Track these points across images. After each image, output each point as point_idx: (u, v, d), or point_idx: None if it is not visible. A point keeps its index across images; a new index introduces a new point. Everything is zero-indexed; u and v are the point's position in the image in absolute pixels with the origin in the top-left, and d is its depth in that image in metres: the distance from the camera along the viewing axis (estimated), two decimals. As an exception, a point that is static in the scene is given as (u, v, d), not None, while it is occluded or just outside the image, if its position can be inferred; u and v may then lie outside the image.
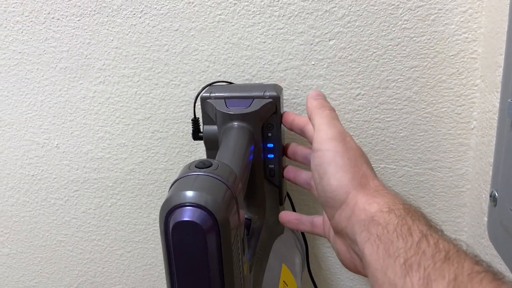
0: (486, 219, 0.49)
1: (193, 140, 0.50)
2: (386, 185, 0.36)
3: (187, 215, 0.30)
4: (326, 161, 0.36)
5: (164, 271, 0.33)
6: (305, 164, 0.46)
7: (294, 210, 0.55)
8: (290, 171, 0.48)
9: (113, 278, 0.68)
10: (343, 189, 0.34)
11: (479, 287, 0.23)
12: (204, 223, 0.30)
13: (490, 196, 0.46)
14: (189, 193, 0.31)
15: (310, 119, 0.41)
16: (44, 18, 0.54)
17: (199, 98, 0.48)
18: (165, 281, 0.34)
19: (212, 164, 0.34)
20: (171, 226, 0.30)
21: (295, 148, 0.48)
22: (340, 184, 0.35)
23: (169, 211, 0.31)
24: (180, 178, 0.33)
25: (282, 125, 0.47)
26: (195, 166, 0.33)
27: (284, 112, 0.47)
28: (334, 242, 0.38)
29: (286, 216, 0.47)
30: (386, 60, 0.51)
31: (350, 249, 0.35)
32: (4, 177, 0.63)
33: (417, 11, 0.48)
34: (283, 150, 0.49)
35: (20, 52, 0.56)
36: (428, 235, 0.28)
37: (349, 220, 0.33)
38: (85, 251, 0.66)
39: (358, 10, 0.49)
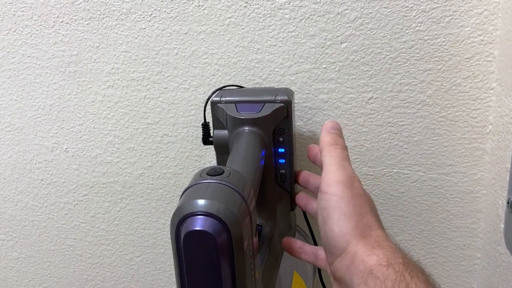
0: (502, 225, 0.47)
1: (202, 145, 0.49)
2: (388, 236, 0.35)
3: (199, 224, 0.29)
4: (331, 206, 0.35)
5: (173, 276, 0.33)
6: (316, 193, 0.45)
7: (305, 216, 0.54)
8: (302, 199, 0.47)
9: (122, 283, 0.67)
10: (345, 238, 0.34)
11: None
12: (216, 233, 0.29)
13: (507, 202, 0.45)
14: (201, 202, 0.30)
15: (320, 154, 0.40)
16: (53, 22, 0.53)
17: (209, 102, 0.47)
18: (174, 286, 0.33)
19: (224, 172, 0.33)
20: (182, 235, 0.30)
21: (307, 176, 0.47)
22: (342, 232, 0.34)
23: (180, 220, 0.30)
24: (191, 186, 0.32)
25: (293, 130, 0.47)
26: (207, 174, 0.33)
27: (309, 146, 0.45)
28: (333, 286, 0.38)
29: (290, 243, 0.45)
30: (399, 63, 0.50)
31: None
32: (14, 181, 0.63)
33: (431, 13, 0.47)
34: (294, 156, 0.48)
35: (29, 56, 0.56)
36: None
37: (348, 269, 0.33)
38: (94, 255, 0.66)
39: (371, 13, 0.48)
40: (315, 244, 0.55)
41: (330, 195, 0.36)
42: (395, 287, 0.29)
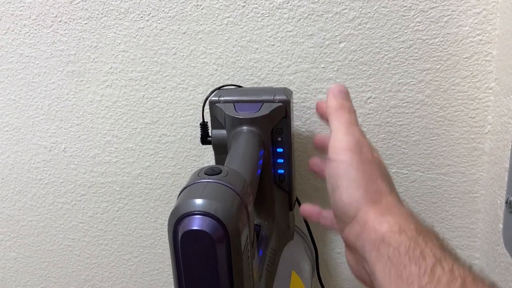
0: (501, 225, 0.47)
1: (201, 144, 0.49)
2: (401, 200, 0.34)
3: (197, 224, 0.29)
4: (339, 174, 0.34)
5: (172, 276, 0.32)
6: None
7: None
8: (316, 164, 0.44)
9: (120, 283, 0.67)
10: (354, 205, 0.33)
11: None
12: (214, 232, 0.29)
13: (506, 202, 0.45)
14: (199, 201, 0.30)
15: (328, 120, 0.38)
16: (51, 22, 0.53)
17: (207, 102, 0.47)
18: (172, 286, 0.33)
19: (222, 171, 0.33)
20: (180, 235, 0.30)
21: (324, 139, 0.44)
22: (351, 200, 0.33)
23: (178, 219, 0.30)
24: (189, 186, 0.32)
25: (292, 129, 0.47)
26: (205, 173, 0.33)
27: (317, 102, 0.43)
28: (345, 253, 0.37)
29: (308, 209, 0.44)
30: (397, 63, 0.50)
31: (360, 265, 0.34)
32: (12, 181, 0.63)
33: (430, 13, 0.47)
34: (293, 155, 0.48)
35: (27, 56, 0.55)
36: (442, 260, 0.27)
37: (359, 237, 0.32)
38: (92, 255, 0.66)
39: (369, 12, 0.48)
40: (314, 246, 0.55)
41: (338, 163, 0.34)
42: (409, 254, 0.28)
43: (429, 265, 0.27)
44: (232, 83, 0.53)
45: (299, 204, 0.53)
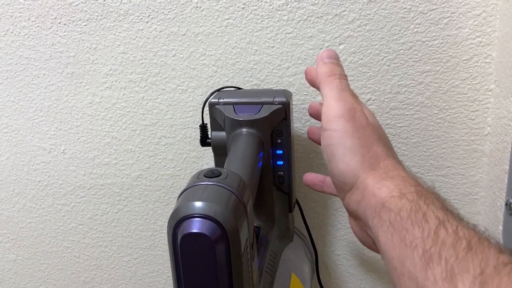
0: (501, 227, 0.47)
1: (200, 146, 0.49)
2: (400, 162, 0.33)
3: (196, 226, 0.29)
4: (334, 143, 0.33)
5: (171, 278, 0.32)
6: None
7: (303, 217, 0.54)
8: (313, 132, 0.45)
9: (119, 285, 0.67)
10: (352, 173, 0.33)
11: (508, 280, 0.22)
12: (213, 235, 0.29)
13: (506, 204, 0.45)
14: (198, 204, 0.30)
15: (319, 88, 0.37)
16: (51, 23, 0.53)
17: (207, 104, 0.47)
18: (172, 290, 0.33)
19: (221, 173, 0.33)
20: (179, 237, 0.30)
21: (318, 106, 0.44)
22: (349, 168, 0.33)
23: (177, 222, 0.30)
24: (188, 188, 0.32)
25: (291, 131, 0.47)
26: (204, 176, 0.33)
27: (307, 68, 0.41)
28: (349, 221, 0.37)
29: (311, 177, 0.45)
30: (397, 65, 0.50)
31: (364, 232, 0.34)
32: (11, 183, 0.63)
33: (430, 15, 0.47)
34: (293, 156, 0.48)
35: (26, 58, 0.55)
36: (446, 222, 0.26)
37: (360, 204, 0.32)
38: (92, 257, 0.66)
39: (369, 14, 0.48)
40: (314, 248, 0.55)
41: (332, 131, 0.34)
42: (411, 217, 0.27)
43: (432, 227, 0.26)
44: (232, 85, 0.53)
45: (299, 206, 0.53)
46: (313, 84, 0.40)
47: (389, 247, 0.28)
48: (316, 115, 0.43)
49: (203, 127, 0.49)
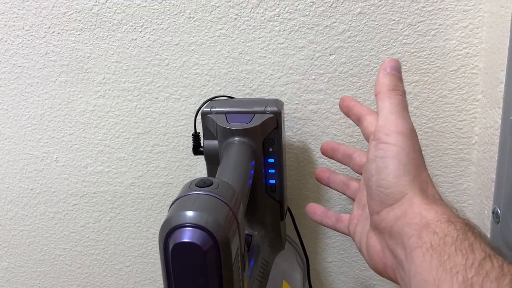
0: (488, 235, 0.48)
1: (193, 155, 0.50)
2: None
3: (187, 236, 0.30)
4: (390, 156, 0.33)
5: (163, 286, 0.33)
6: (343, 162, 0.46)
7: (295, 225, 0.54)
8: (324, 171, 0.47)
9: (111, 293, 0.67)
10: (400, 188, 0.33)
11: None
12: (205, 244, 0.30)
13: (493, 213, 0.45)
14: (189, 213, 0.30)
15: (377, 98, 0.37)
16: (45, 33, 0.54)
17: (199, 112, 0.48)
18: (164, 299, 0.33)
19: (212, 183, 0.33)
20: (171, 247, 0.30)
21: (336, 145, 0.46)
22: (399, 183, 0.33)
23: (169, 231, 0.30)
24: (180, 197, 0.32)
25: (283, 140, 0.47)
26: (196, 185, 0.33)
27: (343, 96, 0.44)
28: (367, 238, 0.37)
29: (313, 208, 0.46)
30: (387, 75, 0.50)
31: (386, 249, 0.33)
32: (3, 191, 0.63)
33: (418, 26, 0.48)
34: (283, 165, 0.48)
35: (20, 66, 0.56)
36: (492, 256, 0.26)
37: (398, 220, 0.32)
38: (84, 265, 0.66)
39: (359, 25, 0.49)
40: (306, 255, 0.55)
41: (390, 145, 0.34)
42: (456, 245, 0.27)
43: (477, 258, 0.26)
44: (224, 94, 0.53)
45: (291, 213, 0.54)
46: (348, 112, 0.42)
47: (424, 269, 0.27)
48: (349, 112, 0.42)
49: (195, 136, 0.49)
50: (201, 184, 0.33)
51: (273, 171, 0.48)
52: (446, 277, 0.26)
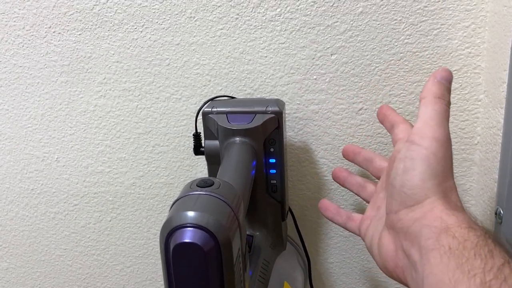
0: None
1: (194, 155, 0.49)
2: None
3: (188, 236, 0.30)
4: (420, 158, 0.34)
5: (164, 287, 0.32)
6: (362, 166, 0.46)
7: (296, 225, 0.54)
8: (342, 171, 0.48)
9: (112, 294, 0.67)
10: (424, 191, 0.33)
11: None
12: (206, 245, 0.29)
13: (495, 213, 0.45)
14: (190, 214, 0.30)
15: (420, 103, 0.37)
16: (45, 32, 0.53)
17: (200, 112, 0.47)
18: (165, 299, 0.33)
19: (213, 183, 0.33)
20: (171, 247, 0.30)
21: (357, 149, 0.47)
22: (424, 186, 0.33)
23: (169, 231, 0.30)
24: (181, 198, 0.32)
25: (284, 140, 0.47)
26: (197, 185, 0.33)
27: (382, 105, 0.45)
28: (379, 237, 0.37)
29: (326, 204, 0.47)
30: (388, 75, 0.50)
31: (400, 249, 0.34)
32: (4, 191, 0.63)
33: (420, 26, 0.48)
34: (285, 165, 0.48)
35: (21, 66, 0.56)
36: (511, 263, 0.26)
37: (417, 222, 0.32)
38: (85, 266, 0.65)
39: (360, 25, 0.49)
40: (307, 256, 0.55)
41: (422, 148, 0.34)
42: (475, 250, 0.27)
43: (496, 263, 0.26)
44: (225, 94, 0.53)
45: (292, 214, 0.54)
46: (383, 120, 0.43)
47: (440, 270, 0.27)
48: (384, 119, 0.44)
49: (196, 136, 0.49)
50: (202, 184, 0.33)
51: (274, 171, 0.48)
52: (464, 278, 0.26)
